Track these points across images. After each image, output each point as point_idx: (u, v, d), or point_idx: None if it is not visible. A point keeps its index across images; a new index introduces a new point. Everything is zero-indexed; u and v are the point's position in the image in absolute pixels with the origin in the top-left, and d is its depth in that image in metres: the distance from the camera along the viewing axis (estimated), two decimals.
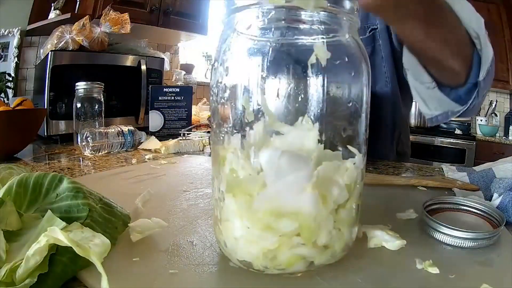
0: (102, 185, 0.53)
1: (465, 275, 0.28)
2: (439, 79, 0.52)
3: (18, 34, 1.43)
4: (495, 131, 2.82)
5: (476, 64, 0.48)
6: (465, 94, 0.51)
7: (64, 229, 0.27)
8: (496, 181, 0.45)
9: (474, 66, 0.48)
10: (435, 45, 0.43)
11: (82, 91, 0.90)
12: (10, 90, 1.15)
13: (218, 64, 0.28)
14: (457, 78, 0.50)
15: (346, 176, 0.27)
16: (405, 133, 0.91)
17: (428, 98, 0.55)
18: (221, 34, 0.29)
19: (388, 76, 0.77)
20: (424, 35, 0.42)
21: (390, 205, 0.46)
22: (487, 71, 0.48)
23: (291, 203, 0.26)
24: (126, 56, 1.22)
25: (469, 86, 0.50)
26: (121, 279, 0.27)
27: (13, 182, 0.32)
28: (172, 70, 1.87)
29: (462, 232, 0.33)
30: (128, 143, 0.85)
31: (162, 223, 0.35)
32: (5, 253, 0.26)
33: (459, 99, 0.52)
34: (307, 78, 0.25)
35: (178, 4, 1.69)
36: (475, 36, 0.47)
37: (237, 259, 0.28)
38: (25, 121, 0.75)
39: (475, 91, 0.50)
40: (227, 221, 0.28)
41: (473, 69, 0.48)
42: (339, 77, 0.27)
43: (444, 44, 0.44)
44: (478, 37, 0.47)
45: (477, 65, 0.48)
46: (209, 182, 0.55)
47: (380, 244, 0.33)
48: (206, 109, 1.47)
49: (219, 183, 0.29)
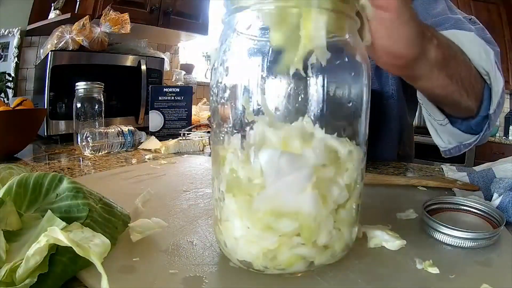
0: (102, 185, 0.53)
1: (465, 275, 0.28)
2: (452, 115, 0.52)
3: (18, 34, 1.43)
4: (495, 131, 2.82)
5: (487, 98, 0.48)
6: (475, 125, 0.50)
7: (64, 229, 0.27)
8: (496, 181, 0.45)
9: (485, 100, 0.48)
10: (454, 90, 0.42)
11: (82, 91, 0.90)
12: (10, 90, 1.15)
13: (218, 64, 0.28)
14: (469, 113, 0.49)
15: (346, 176, 0.27)
16: (409, 138, 0.91)
17: (442, 132, 0.55)
18: (221, 34, 0.29)
19: (393, 84, 0.77)
20: (447, 82, 0.40)
21: (390, 205, 0.46)
22: (497, 103, 0.48)
23: (291, 203, 0.26)
24: (126, 56, 1.22)
25: (479, 119, 0.49)
26: (121, 279, 0.27)
27: (13, 182, 0.32)
28: (172, 70, 1.87)
29: (462, 232, 0.33)
30: (128, 143, 0.85)
31: (162, 223, 0.35)
32: (5, 253, 0.26)
33: (471, 130, 0.52)
34: (307, 78, 0.25)
35: (178, 4, 1.69)
36: (485, 73, 0.47)
37: (237, 259, 0.28)
38: (25, 121, 0.75)
39: (486, 123, 0.50)
40: (227, 221, 0.28)
41: (484, 103, 0.48)
42: (339, 77, 0.27)
43: (461, 87, 0.43)
44: (488, 74, 0.47)
45: (488, 98, 0.48)
46: (209, 182, 0.55)
47: (380, 244, 0.33)
48: (206, 109, 1.47)
49: (219, 183, 0.29)
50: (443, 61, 0.37)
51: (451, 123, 0.52)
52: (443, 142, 0.57)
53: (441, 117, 0.52)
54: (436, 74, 0.38)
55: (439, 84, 0.39)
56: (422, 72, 0.37)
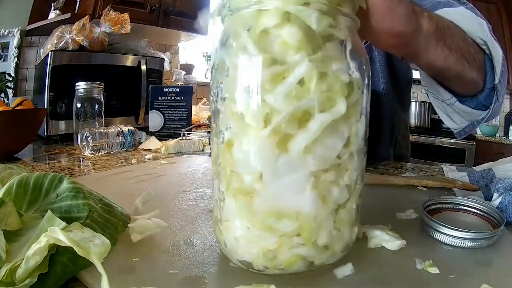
0: (102, 185, 0.53)
1: (465, 275, 0.28)
2: (459, 92, 0.52)
3: (18, 34, 1.43)
4: (495, 131, 2.82)
5: (490, 69, 0.49)
6: (484, 99, 0.51)
7: (64, 229, 0.27)
8: (496, 181, 0.45)
9: (488, 71, 0.49)
10: (454, 60, 0.43)
11: (82, 91, 0.90)
12: (10, 90, 1.15)
13: (218, 64, 0.28)
14: (476, 87, 0.50)
15: (346, 176, 0.27)
16: (404, 137, 0.92)
17: (452, 113, 0.56)
18: (221, 33, 0.29)
19: (384, 83, 0.80)
20: (446, 52, 0.41)
21: (390, 205, 0.46)
22: (501, 73, 0.48)
23: (291, 203, 0.26)
24: (126, 56, 1.22)
25: (487, 92, 0.50)
26: (121, 279, 0.27)
27: (13, 182, 0.32)
28: (172, 70, 1.87)
29: (462, 232, 0.33)
30: (128, 143, 0.85)
31: (162, 223, 0.35)
32: (5, 253, 0.26)
33: (481, 106, 0.52)
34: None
35: (178, 4, 1.69)
36: (482, 43, 0.48)
37: (237, 259, 0.28)
38: (25, 121, 0.75)
39: (494, 95, 0.50)
40: (227, 221, 0.28)
41: (488, 74, 0.49)
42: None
43: (461, 56, 0.44)
44: (485, 43, 0.48)
45: (490, 69, 0.49)
46: (209, 182, 0.55)
47: (380, 244, 0.33)
48: (206, 109, 1.46)
49: (219, 183, 0.29)
50: (438, 31, 0.40)
51: (460, 102, 0.53)
52: (456, 124, 0.58)
53: (448, 96, 0.53)
54: (434, 45, 0.40)
55: (438, 56, 0.41)
56: (421, 45, 0.39)
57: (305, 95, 0.25)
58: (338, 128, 0.26)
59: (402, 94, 0.85)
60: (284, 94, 0.24)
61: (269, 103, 0.25)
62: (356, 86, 0.27)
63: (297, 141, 0.25)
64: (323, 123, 0.25)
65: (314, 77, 0.24)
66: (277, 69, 0.25)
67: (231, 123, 0.27)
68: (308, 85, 0.24)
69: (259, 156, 0.25)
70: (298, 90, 0.24)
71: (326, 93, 0.25)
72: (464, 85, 0.50)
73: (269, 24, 0.25)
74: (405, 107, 0.90)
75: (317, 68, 0.24)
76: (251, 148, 0.26)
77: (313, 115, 0.25)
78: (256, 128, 0.25)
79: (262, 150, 0.25)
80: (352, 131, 0.27)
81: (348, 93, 0.26)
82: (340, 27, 0.26)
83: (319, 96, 0.25)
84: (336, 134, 0.26)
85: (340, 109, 0.25)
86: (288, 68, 0.25)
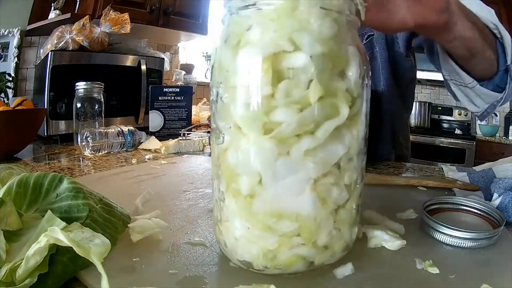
0: (102, 185, 0.53)
1: (465, 275, 0.28)
2: (478, 75, 0.56)
3: (18, 34, 1.43)
4: (495, 131, 2.82)
5: (501, 52, 0.53)
6: (500, 81, 0.55)
7: (64, 229, 0.27)
8: (496, 181, 0.45)
9: (500, 54, 0.53)
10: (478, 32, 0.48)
11: (82, 91, 0.90)
12: (10, 90, 1.15)
13: (218, 64, 0.28)
14: (493, 67, 0.54)
15: (346, 177, 0.27)
16: (405, 136, 0.91)
17: (474, 96, 0.60)
18: (221, 33, 0.29)
19: (385, 80, 0.79)
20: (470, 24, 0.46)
21: (390, 205, 0.46)
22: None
23: (291, 204, 0.26)
24: (126, 56, 1.22)
25: (501, 74, 0.54)
26: (121, 279, 0.27)
27: (13, 182, 0.32)
28: (172, 70, 1.86)
29: (462, 232, 0.33)
30: (128, 143, 0.85)
31: (162, 223, 0.35)
32: (5, 253, 0.26)
33: (497, 88, 0.56)
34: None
35: (178, 4, 1.69)
36: (494, 27, 0.51)
37: (237, 259, 0.28)
38: (25, 121, 0.75)
39: (507, 76, 0.55)
40: (227, 222, 0.28)
41: (500, 57, 0.53)
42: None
43: (480, 36, 0.48)
44: (497, 27, 0.52)
45: (502, 52, 0.53)
46: (209, 182, 0.55)
47: (380, 244, 0.33)
48: (206, 109, 1.46)
49: (219, 183, 0.29)
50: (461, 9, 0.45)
51: (480, 85, 0.57)
52: (477, 107, 0.62)
53: (469, 80, 0.57)
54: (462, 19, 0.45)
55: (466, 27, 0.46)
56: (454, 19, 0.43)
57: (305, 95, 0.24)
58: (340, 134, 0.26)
59: (405, 93, 0.85)
60: (284, 94, 0.24)
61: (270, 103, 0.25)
62: (356, 88, 0.27)
63: (299, 145, 0.25)
64: (327, 130, 0.25)
65: (315, 76, 0.24)
66: (277, 68, 0.25)
67: (231, 124, 0.27)
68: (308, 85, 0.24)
69: (259, 157, 0.25)
70: (299, 90, 0.24)
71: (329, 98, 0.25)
72: (484, 62, 0.53)
73: (268, 24, 0.25)
74: (407, 106, 0.89)
75: (318, 67, 0.24)
76: (251, 149, 0.26)
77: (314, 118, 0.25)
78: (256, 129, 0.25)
79: (262, 152, 0.25)
80: (353, 135, 0.27)
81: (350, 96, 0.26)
82: (340, 25, 0.26)
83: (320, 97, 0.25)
84: (337, 140, 0.26)
85: (343, 115, 0.25)
86: (289, 67, 0.25)
